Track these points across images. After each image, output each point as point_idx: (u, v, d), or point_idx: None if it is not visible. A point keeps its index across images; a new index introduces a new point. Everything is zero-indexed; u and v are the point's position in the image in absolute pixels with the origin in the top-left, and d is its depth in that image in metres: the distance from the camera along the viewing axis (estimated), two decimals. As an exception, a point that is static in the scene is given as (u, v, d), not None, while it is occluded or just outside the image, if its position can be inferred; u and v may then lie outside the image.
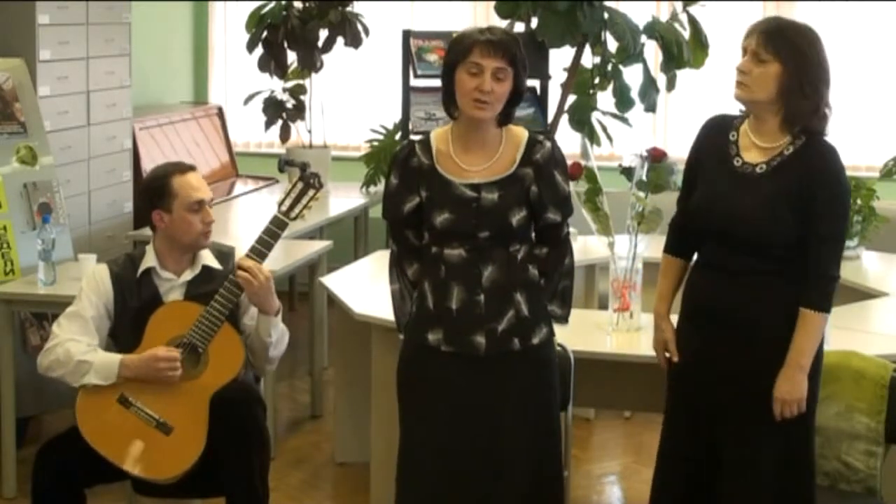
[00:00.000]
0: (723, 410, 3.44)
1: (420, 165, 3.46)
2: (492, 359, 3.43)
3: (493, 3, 6.13)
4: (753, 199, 3.37)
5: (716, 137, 3.50)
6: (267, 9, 7.38)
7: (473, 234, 3.40)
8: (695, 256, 3.60)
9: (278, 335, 3.95)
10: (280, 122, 7.59)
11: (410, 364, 3.53)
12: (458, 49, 3.38)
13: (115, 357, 3.84)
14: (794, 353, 3.36)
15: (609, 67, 6.01)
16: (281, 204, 3.92)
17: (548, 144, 3.47)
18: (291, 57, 7.46)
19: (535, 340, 3.46)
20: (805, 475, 3.49)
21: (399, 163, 3.50)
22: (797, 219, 3.34)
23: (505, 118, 3.45)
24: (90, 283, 3.98)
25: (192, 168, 4.04)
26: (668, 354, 3.57)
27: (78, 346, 3.86)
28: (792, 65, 3.36)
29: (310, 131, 7.69)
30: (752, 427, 3.42)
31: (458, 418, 3.44)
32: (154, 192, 3.97)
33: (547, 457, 3.52)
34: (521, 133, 3.49)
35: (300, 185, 3.92)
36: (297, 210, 3.92)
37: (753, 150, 3.44)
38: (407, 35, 6.58)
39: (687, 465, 3.51)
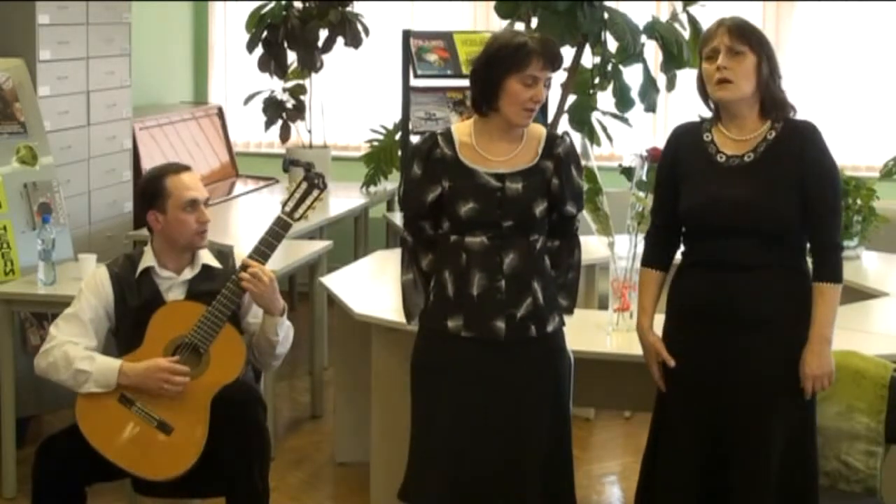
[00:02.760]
0: (730, 407, 3.45)
1: (443, 156, 3.55)
2: (511, 344, 3.51)
3: (493, 3, 6.13)
4: (753, 185, 3.43)
5: (690, 142, 3.56)
6: (267, 9, 7.38)
7: (497, 223, 3.49)
8: (677, 259, 3.63)
9: (284, 334, 3.95)
10: (280, 122, 7.59)
11: (428, 351, 3.60)
12: (515, 57, 3.46)
13: (114, 365, 3.83)
14: (817, 327, 3.43)
15: (609, 67, 6.01)
16: (284, 205, 3.92)
17: (568, 140, 3.59)
18: (291, 57, 7.46)
19: (550, 328, 3.56)
20: (811, 466, 3.52)
21: (422, 154, 3.59)
22: (798, 198, 3.42)
23: None
24: (89, 286, 3.98)
25: (186, 168, 4.04)
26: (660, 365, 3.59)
27: (76, 349, 3.85)
28: (763, 53, 3.46)
29: (310, 131, 7.69)
30: (763, 420, 3.44)
31: (478, 401, 3.51)
32: (148, 192, 3.97)
33: (561, 442, 3.60)
34: (540, 128, 3.60)
35: (304, 186, 3.92)
36: (300, 211, 3.92)
37: (733, 145, 3.50)
38: (407, 35, 6.58)
39: (696, 471, 3.51)
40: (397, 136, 7.14)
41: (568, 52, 6.06)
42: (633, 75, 6.07)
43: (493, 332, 3.49)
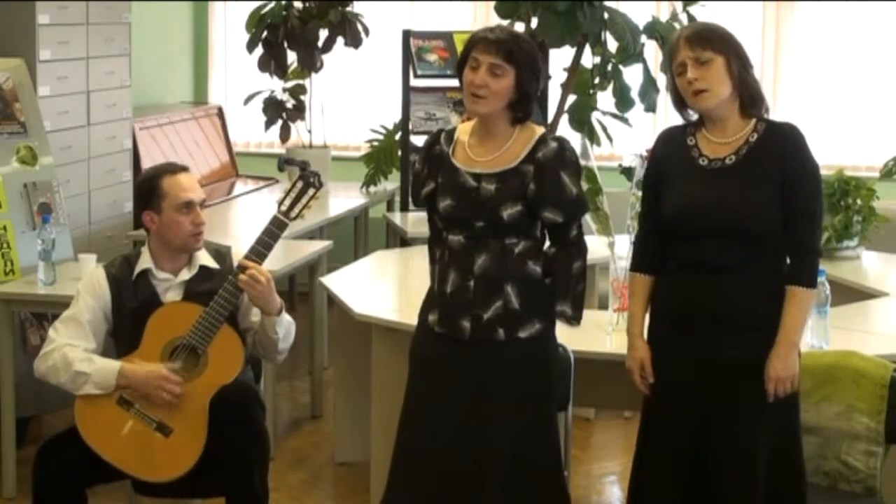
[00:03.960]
0: (716, 410, 3.43)
1: (440, 153, 3.59)
2: (476, 344, 3.50)
3: (493, 3, 6.13)
4: (734, 187, 3.42)
5: (674, 146, 3.55)
6: (267, 9, 7.38)
7: (470, 222, 3.49)
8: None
9: (284, 331, 3.95)
10: (280, 122, 7.59)
11: (414, 343, 3.66)
12: (466, 46, 3.53)
13: (113, 367, 3.83)
14: (785, 330, 3.41)
15: (609, 67, 6.01)
16: (280, 204, 3.92)
17: (553, 144, 3.51)
18: (291, 57, 7.46)
19: (523, 334, 3.50)
20: (797, 470, 3.50)
21: (424, 149, 3.65)
22: (778, 200, 3.40)
23: (522, 117, 3.53)
24: (87, 287, 3.97)
25: (183, 168, 4.03)
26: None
27: (75, 351, 3.85)
28: (729, 51, 3.44)
29: (310, 131, 7.69)
30: (748, 424, 3.42)
31: (443, 399, 3.51)
32: (144, 192, 3.97)
33: (533, 453, 3.53)
34: (536, 131, 3.56)
35: (300, 185, 3.91)
36: (296, 210, 3.91)
37: (716, 147, 3.48)
38: (407, 35, 6.59)
39: (681, 474, 3.50)
40: (397, 136, 7.14)
41: (568, 52, 6.07)
42: (633, 75, 6.07)
43: (459, 330, 3.50)
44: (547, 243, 3.59)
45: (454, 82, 6.56)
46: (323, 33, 7.38)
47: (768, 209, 3.40)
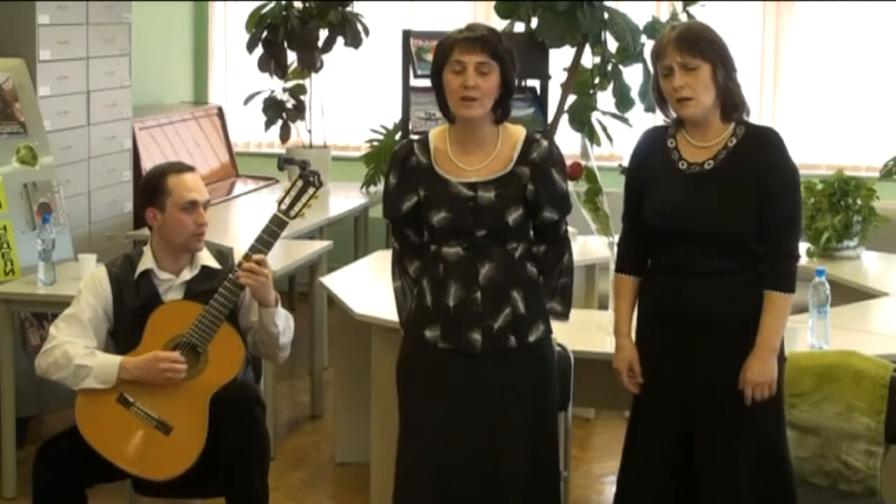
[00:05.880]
0: (700, 412, 3.43)
1: (418, 164, 3.48)
2: (488, 356, 3.44)
3: (493, 3, 6.14)
4: (712, 192, 3.41)
5: (655, 148, 3.53)
6: (267, 9, 7.39)
7: (471, 232, 3.42)
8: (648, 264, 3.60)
9: (283, 323, 3.96)
10: (280, 122, 7.60)
11: (409, 359, 3.56)
12: (441, 51, 3.43)
13: (115, 360, 3.84)
14: (763, 335, 3.39)
15: (609, 67, 6.01)
16: (280, 202, 3.92)
17: (545, 143, 3.48)
18: (291, 57, 7.46)
19: (532, 338, 3.48)
20: (785, 472, 3.49)
21: (397, 162, 3.52)
22: (756, 206, 3.39)
23: (502, 116, 3.47)
24: (88, 286, 3.98)
25: (190, 169, 4.04)
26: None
27: (76, 348, 3.86)
28: (716, 58, 3.41)
29: (310, 131, 7.69)
30: (730, 427, 3.42)
31: (454, 414, 3.45)
32: (149, 189, 3.98)
33: (543, 454, 3.53)
34: (519, 131, 3.51)
35: (300, 184, 3.92)
36: (296, 209, 3.92)
37: (695, 151, 3.47)
38: (407, 35, 6.58)
39: (672, 475, 3.49)
40: (397, 136, 7.14)
41: (568, 52, 6.07)
42: (633, 75, 6.07)
43: (470, 344, 3.43)
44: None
45: (454, 82, 6.61)
46: (323, 33, 7.39)
47: (746, 215, 3.39)
